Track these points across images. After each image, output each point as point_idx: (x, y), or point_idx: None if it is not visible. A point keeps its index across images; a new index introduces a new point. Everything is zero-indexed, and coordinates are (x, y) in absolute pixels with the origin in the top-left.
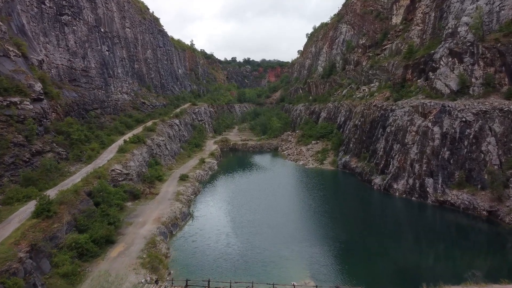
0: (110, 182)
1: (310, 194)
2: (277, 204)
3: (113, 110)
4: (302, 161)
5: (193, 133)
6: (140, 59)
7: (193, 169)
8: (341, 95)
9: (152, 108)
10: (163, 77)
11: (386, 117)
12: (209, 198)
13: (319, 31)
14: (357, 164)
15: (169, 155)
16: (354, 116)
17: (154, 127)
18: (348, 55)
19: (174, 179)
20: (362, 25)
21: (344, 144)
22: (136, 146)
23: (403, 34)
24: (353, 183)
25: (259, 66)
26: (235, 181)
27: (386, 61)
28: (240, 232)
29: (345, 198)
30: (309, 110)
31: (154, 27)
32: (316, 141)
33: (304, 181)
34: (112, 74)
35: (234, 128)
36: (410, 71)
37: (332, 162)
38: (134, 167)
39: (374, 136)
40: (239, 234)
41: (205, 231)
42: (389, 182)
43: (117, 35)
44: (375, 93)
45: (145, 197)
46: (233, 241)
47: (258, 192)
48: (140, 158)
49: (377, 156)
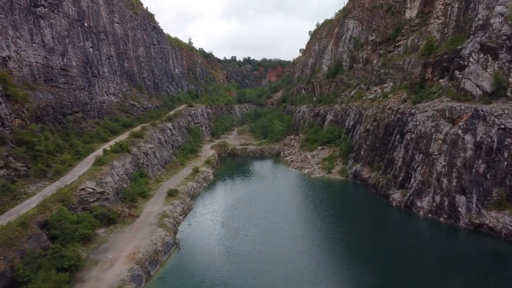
0: (78, 206)
1: (319, 213)
2: (281, 228)
3: (98, 113)
4: (307, 169)
5: (188, 138)
6: (130, 57)
7: (184, 181)
8: (349, 96)
9: (143, 110)
10: (157, 77)
11: (404, 122)
12: (200, 219)
13: (323, 28)
14: (369, 174)
15: (159, 165)
16: (365, 120)
17: (143, 132)
18: (356, 53)
19: (161, 195)
20: (371, 20)
21: (354, 151)
22: (118, 156)
23: (420, 28)
24: (367, 197)
25: (259, 65)
26: (233, 195)
27: (400, 58)
28: (237, 271)
29: (360, 218)
30: (313, 112)
31: (148, 24)
32: (322, 146)
33: (311, 195)
34: (97, 73)
35: (233, 130)
36: (430, 69)
37: (341, 171)
38: (112, 183)
39: (390, 143)
40: (236, 274)
41: (192, 268)
42: (411, 199)
43: (103, 31)
44: (389, 95)
45: (123, 220)
46: (229, 285)
47: (258, 210)
48: (121, 171)
49: (394, 166)
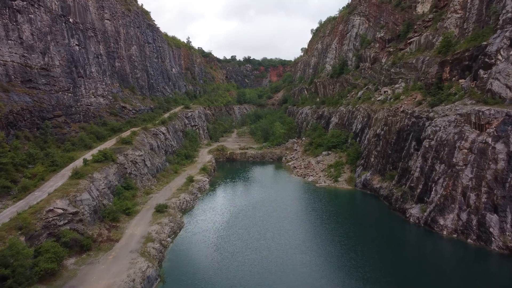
0: (43, 232)
1: (328, 232)
2: (284, 253)
3: (84, 117)
4: (311, 176)
5: (184, 142)
6: (122, 56)
7: (177, 193)
8: (355, 98)
9: (135, 113)
10: (152, 77)
11: (420, 127)
12: (192, 240)
13: (326, 26)
14: (381, 184)
15: (149, 174)
16: (375, 124)
17: (132, 138)
18: (362, 51)
19: (149, 211)
20: (379, 16)
21: (362, 158)
22: (101, 167)
23: (435, 24)
24: (380, 211)
25: (260, 65)
26: (230, 208)
27: (413, 57)
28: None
29: (375, 239)
30: (316, 114)
31: (142, 21)
32: (327, 151)
33: (317, 209)
34: (83, 73)
35: (232, 132)
36: (448, 68)
37: (349, 180)
38: (89, 200)
39: (404, 151)
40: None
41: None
42: (432, 216)
43: (91, 27)
44: (401, 96)
45: (99, 247)
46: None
47: (257, 228)
48: (102, 185)
49: (411, 177)
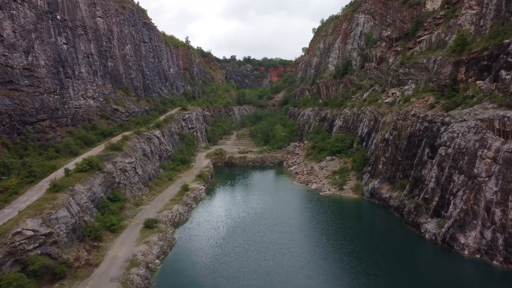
0: (8, 259)
1: (335, 251)
2: (286, 278)
3: (71, 120)
4: (315, 183)
5: (180, 146)
6: (115, 56)
7: (169, 204)
8: (361, 100)
9: (128, 115)
10: (148, 77)
11: (434, 132)
12: (183, 263)
13: (329, 25)
14: (390, 193)
15: (140, 183)
16: (382, 128)
17: (122, 143)
18: (368, 51)
19: (137, 226)
20: (385, 14)
21: (369, 164)
22: (85, 177)
23: (447, 21)
24: (391, 224)
25: (260, 65)
26: (227, 221)
27: (423, 56)
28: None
29: (389, 260)
30: (319, 116)
31: (138, 19)
32: (331, 157)
33: (322, 222)
34: (72, 74)
35: (232, 134)
36: (463, 69)
37: (355, 188)
38: (67, 217)
39: (417, 158)
40: None
41: None
42: (451, 232)
43: (82, 25)
44: (411, 98)
45: (74, 274)
46: None
47: (255, 245)
48: (84, 198)
49: (425, 188)
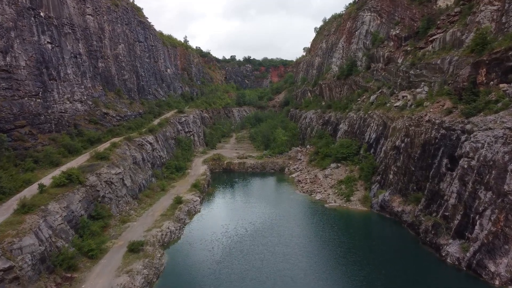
0: None
1: (346, 278)
2: None
3: (56, 126)
4: (319, 193)
5: (176, 151)
6: (107, 56)
7: (160, 220)
8: (367, 103)
9: (120, 120)
10: (143, 79)
11: (453, 141)
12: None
13: (331, 24)
14: (403, 206)
15: (128, 195)
16: (393, 134)
17: (110, 151)
18: (374, 50)
19: (120, 250)
20: (393, 12)
21: (379, 173)
22: (62, 193)
23: (463, 18)
24: (406, 244)
25: (260, 65)
26: (222, 240)
27: (437, 56)
28: None
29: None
30: (322, 119)
31: (132, 18)
32: (336, 164)
33: (329, 240)
34: (57, 75)
35: (231, 136)
36: (484, 70)
37: (363, 200)
38: (34, 246)
39: (433, 169)
40: None
41: None
42: (479, 258)
43: (69, 23)
44: (424, 102)
45: None
46: None
47: (253, 272)
48: (58, 220)
49: (444, 204)
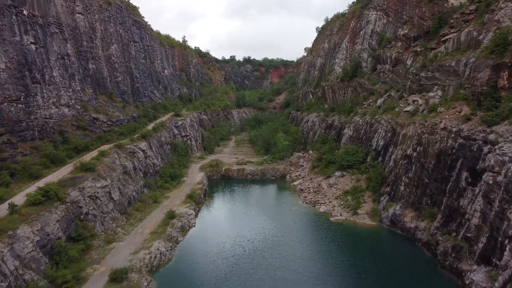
0: None
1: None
2: None
3: (39, 133)
4: (323, 205)
5: (171, 158)
6: (98, 57)
7: (149, 239)
8: (374, 106)
9: (111, 125)
10: (138, 80)
11: (474, 152)
12: None
13: (334, 23)
14: (416, 222)
15: (115, 210)
16: (403, 141)
17: (97, 161)
18: (381, 51)
19: (100, 278)
20: (400, 10)
21: (388, 184)
22: (37, 213)
23: (479, 17)
24: (423, 268)
25: (260, 65)
26: (217, 262)
27: (451, 58)
28: None
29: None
30: (325, 123)
31: (127, 17)
32: (341, 172)
33: (336, 264)
34: (41, 78)
35: (230, 139)
36: (506, 73)
37: (372, 213)
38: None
39: (451, 182)
40: None
41: None
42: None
43: (56, 22)
44: (438, 108)
45: None
46: None
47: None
48: (28, 247)
49: (466, 223)
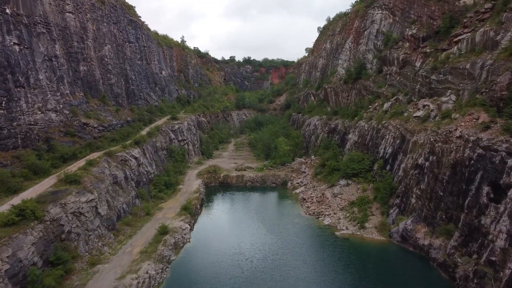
0: None
1: None
2: None
3: (23, 141)
4: (328, 217)
5: (167, 164)
6: (90, 58)
7: (138, 260)
8: (380, 111)
9: (102, 130)
10: (133, 82)
11: (496, 164)
12: None
13: (336, 23)
14: (429, 239)
15: (102, 227)
16: (413, 149)
17: (84, 172)
18: (387, 52)
19: None
20: (408, 9)
21: (398, 195)
22: (9, 236)
23: (496, 16)
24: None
25: (261, 65)
26: (213, 284)
27: (465, 60)
28: None
29: None
30: (328, 127)
31: (122, 16)
32: (346, 181)
33: (340, 287)
34: (25, 81)
35: (230, 142)
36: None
37: (380, 227)
38: None
39: (469, 197)
40: None
41: None
42: None
43: (43, 21)
44: (452, 114)
45: None
46: None
47: None
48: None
49: (490, 245)
